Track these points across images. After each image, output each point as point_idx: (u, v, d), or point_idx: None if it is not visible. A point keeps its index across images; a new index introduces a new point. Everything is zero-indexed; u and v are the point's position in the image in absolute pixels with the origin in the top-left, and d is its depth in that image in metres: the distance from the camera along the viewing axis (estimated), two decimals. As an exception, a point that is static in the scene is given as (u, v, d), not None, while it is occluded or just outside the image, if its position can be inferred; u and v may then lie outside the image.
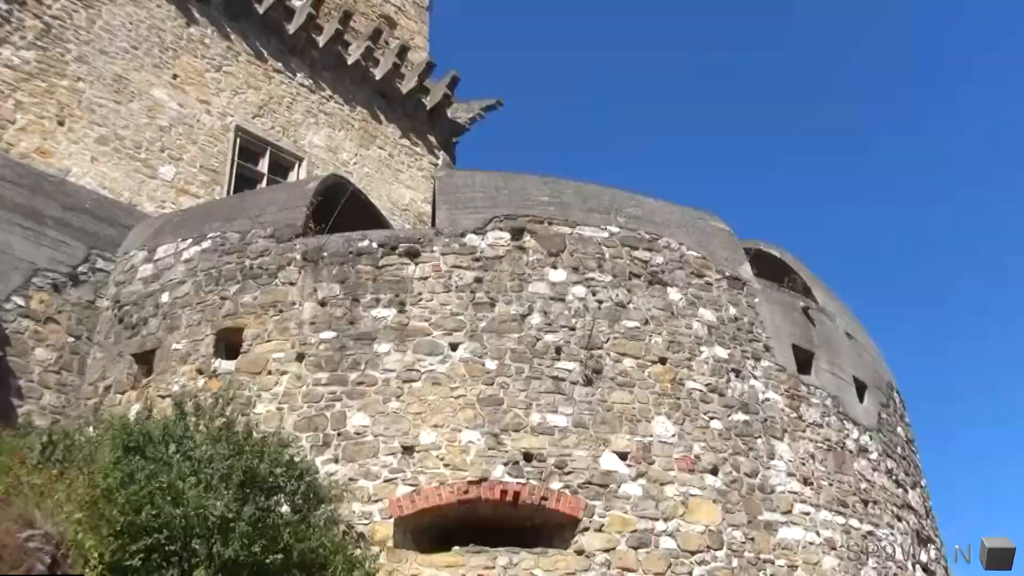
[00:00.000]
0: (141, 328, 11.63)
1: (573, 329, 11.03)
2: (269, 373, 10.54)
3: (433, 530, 9.80)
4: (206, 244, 11.82)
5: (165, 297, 11.66)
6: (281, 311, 10.93)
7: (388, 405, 10.18)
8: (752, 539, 10.45)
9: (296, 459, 8.86)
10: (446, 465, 9.86)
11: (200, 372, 10.80)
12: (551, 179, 12.89)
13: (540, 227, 11.74)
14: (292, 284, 11.10)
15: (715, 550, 10.15)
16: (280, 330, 10.79)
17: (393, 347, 10.57)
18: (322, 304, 10.93)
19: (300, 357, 10.59)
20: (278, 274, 11.21)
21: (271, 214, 11.93)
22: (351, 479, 9.70)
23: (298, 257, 11.29)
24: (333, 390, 10.30)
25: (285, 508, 8.31)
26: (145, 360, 11.43)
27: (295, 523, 8.01)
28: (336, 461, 9.85)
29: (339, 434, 10.04)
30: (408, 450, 9.92)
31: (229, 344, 10.95)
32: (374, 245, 11.33)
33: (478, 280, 11.13)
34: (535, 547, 9.68)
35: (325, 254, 11.29)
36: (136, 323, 11.72)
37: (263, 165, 17.52)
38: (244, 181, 16.89)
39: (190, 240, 12.02)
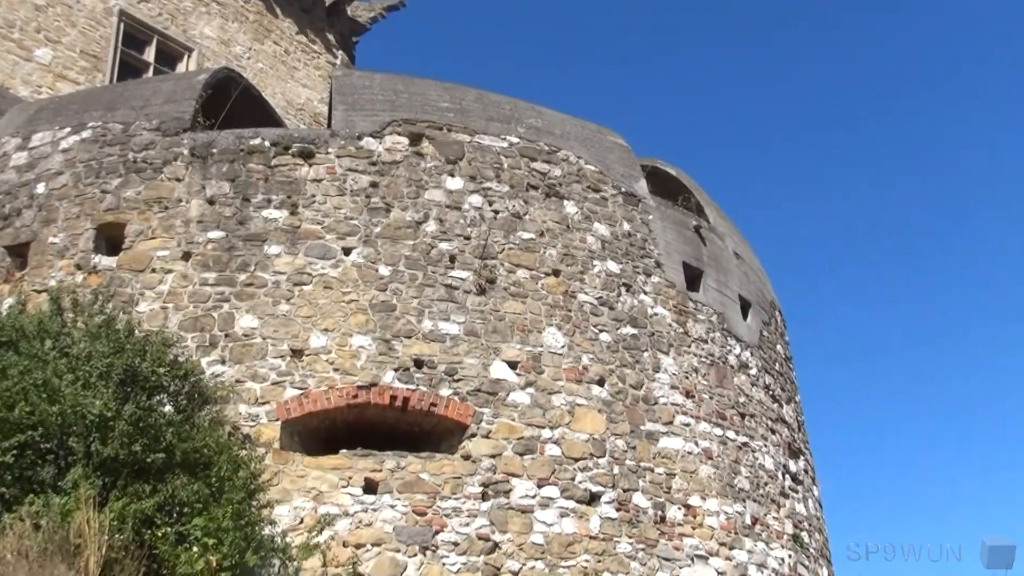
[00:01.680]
0: (14, 219, 11.04)
1: (468, 238, 10.99)
2: (153, 271, 10.19)
3: (321, 433, 9.79)
4: (86, 134, 11.22)
5: (41, 188, 11.06)
6: (167, 208, 10.52)
7: (278, 308, 10.01)
8: (634, 448, 10.79)
9: (180, 359, 8.66)
10: (336, 369, 9.80)
11: (79, 267, 10.36)
12: (452, 85, 12.65)
13: (439, 133, 11.56)
14: (179, 180, 10.68)
15: (598, 457, 10.45)
16: (165, 227, 10.41)
17: (284, 249, 10.34)
18: (210, 202, 10.57)
19: (186, 256, 10.26)
20: (163, 169, 10.76)
21: (157, 106, 11.38)
22: (238, 381, 9.55)
23: (185, 152, 10.84)
24: (221, 291, 10.05)
25: (168, 408, 8.13)
26: (19, 253, 10.88)
27: (178, 423, 7.86)
28: (223, 362, 9.67)
29: (226, 335, 9.84)
30: (297, 353, 9.80)
31: (110, 239, 10.51)
32: (267, 144, 10.97)
33: (374, 185, 10.93)
34: (423, 451, 9.78)
35: (214, 151, 10.87)
36: (9, 214, 11.11)
37: (149, 54, 16.66)
38: (128, 70, 16.04)
39: (69, 129, 11.38)
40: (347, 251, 10.45)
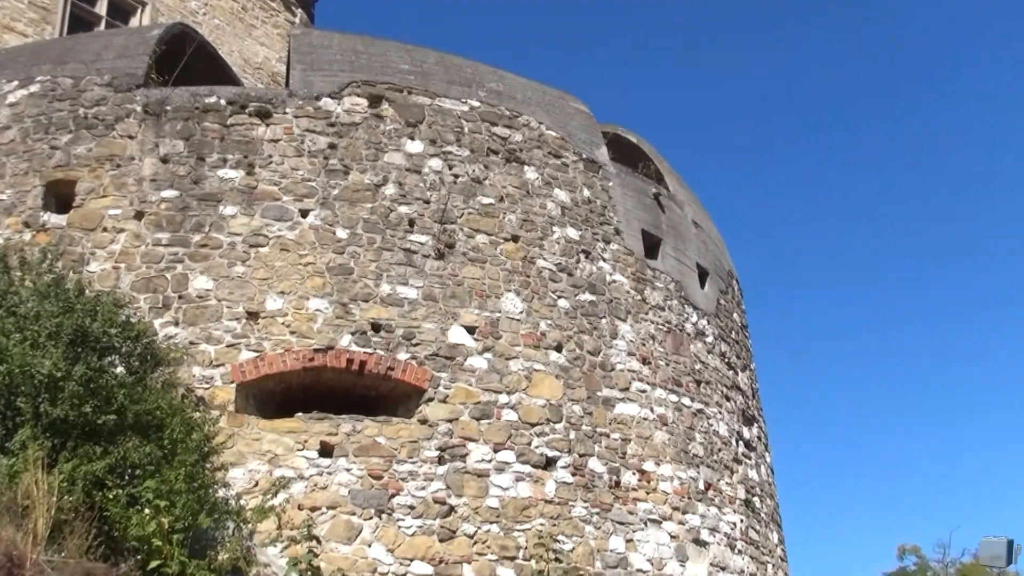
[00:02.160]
0: (-41, 175, 10.73)
1: (428, 202, 10.90)
2: (104, 230, 9.98)
3: (277, 396, 9.71)
4: (34, 88, 10.90)
5: (-13, 143, 10.76)
6: (119, 165, 10.29)
7: (233, 269, 9.87)
8: (590, 413, 10.85)
9: (133, 320, 8.50)
10: (292, 332, 9.71)
11: (27, 225, 10.11)
12: (413, 47, 12.48)
13: (399, 96, 11.41)
14: (131, 137, 10.45)
15: (554, 423, 10.50)
16: (117, 185, 10.19)
17: (240, 210, 10.18)
18: (164, 161, 10.36)
19: (139, 215, 10.06)
20: (116, 126, 10.51)
21: (109, 60, 11.09)
22: (192, 343, 9.43)
23: (138, 109, 10.60)
24: (175, 251, 9.88)
25: (120, 369, 7.99)
26: (-36, 210, 10.60)
27: (130, 384, 7.72)
28: (176, 324, 9.54)
29: (180, 297, 9.69)
30: (253, 316, 9.69)
31: (60, 197, 10.26)
32: (222, 102, 10.76)
33: (332, 146, 10.78)
34: (379, 415, 9.75)
35: (168, 108, 10.64)
36: (-47, 169, 10.80)
37: (101, 7, 16.19)
38: (79, 23, 15.58)
39: (16, 82, 11.05)
40: (304, 213, 10.31)
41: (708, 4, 59.12)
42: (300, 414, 9.45)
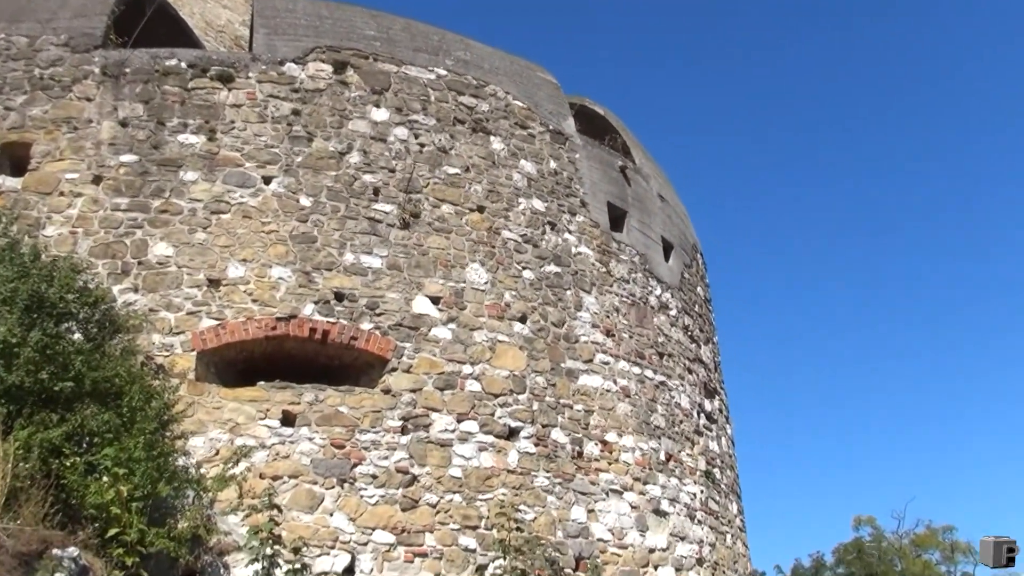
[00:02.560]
0: (-91, 136, 10.44)
1: (393, 171, 10.80)
2: (61, 194, 9.77)
3: (238, 365, 9.61)
4: (-12, 47, 10.60)
5: (-62, 103, 10.45)
6: (76, 128, 10.06)
7: (194, 236, 9.71)
8: (554, 385, 10.87)
9: (90, 286, 8.35)
10: (254, 300, 9.60)
11: (-20, 188, 9.87)
12: (380, 13, 12.32)
13: (365, 62, 11.26)
14: (89, 100, 10.21)
15: (518, 394, 10.51)
16: (74, 149, 9.96)
17: (201, 176, 10.01)
18: (123, 124, 10.15)
19: (97, 179, 9.85)
20: (73, 87, 10.26)
21: (65, 20, 10.79)
22: (151, 310, 9.28)
23: (97, 71, 10.35)
24: (134, 217, 9.70)
25: (77, 335, 7.86)
26: (-85, 172, 10.32)
27: (88, 351, 7.60)
28: (136, 291, 9.38)
29: (140, 263, 9.53)
30: (214, 283, 9.56)
31: (14, 160, 10.01)
32: (183, 65, 10.54)
33: (296, 113, 10.62)
34: (342, 385, 9.69)
35: (128, 70, 10.40)
36: (-96, 130, 10.50)
37: (58, -33, 15.76)
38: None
39: (-31, 41, 10.73)
40: (267, 180, 10.17)
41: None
42: (262, 383, 9.36)
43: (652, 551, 11.05)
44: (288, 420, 9.28)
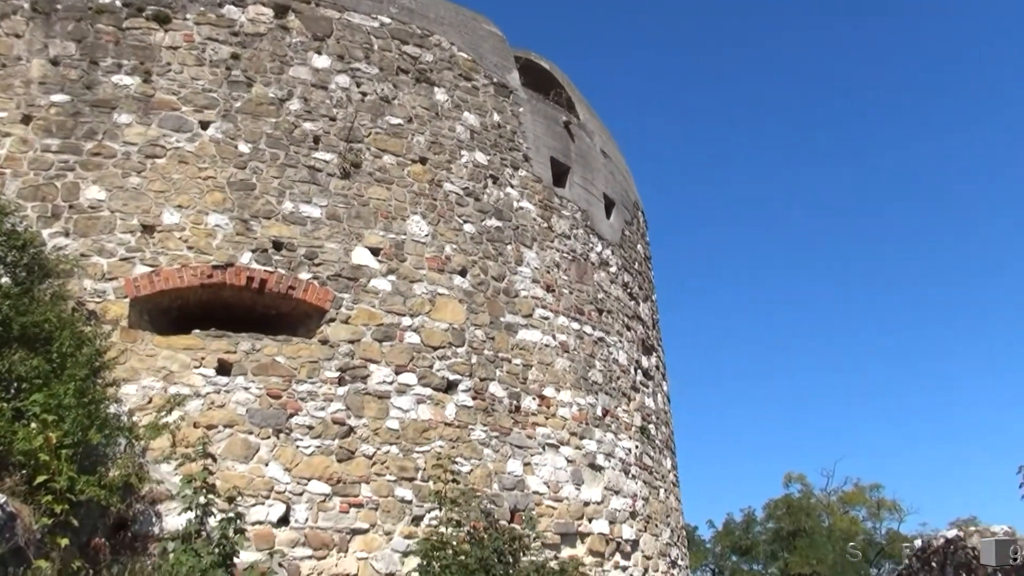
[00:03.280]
0: None
1: (334, 119, 10.64)
2: (-12, 134, 9.44)
3: (173, 312, 9.45)
4: (-90, -22, 10.15)
5: None
6: (4, 66, 9.70)
7: (128, 180, 9.48)
8: (493, 338, 10.91)
9: (19, 228, 8.13)
10: (190, 248, 9.42)
11: (-97, 126, 9.50)
12: (323, -43, 12.02)
13: (306, 7, 11.01)
14: (18, 37, 9.83)
15: (457, 347, 10.52)
16: (3, 87, 9.61)
17: (136, 119, 9.75)
18: (54, 63, 9.81)
19: (26, 119, 9.53)
20: (1, 23, 9.87)
21: (-6, -47, 10.37)
22: (83, 255, 9.06)
23: (26, 6, 9.96)
24: (65, 159, 9.42)
25: (5, 280, 7.68)
26: None
27: (16, 296, 7.43)
28: (67, 235, 9.14)
29: (71, 207, 9.27)
30: (148, 229, 9.36)
31: (-61, 97, 9.65)
32: (118, 3, 10.20)
33: (235, 57, 10.37)
34: (280, 335, 9.60)
35: (59, 7, 10.03)
36: None
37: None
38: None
39: None
40: (204, 125, 9.95)
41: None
42: (197, 331, 9.23)
43: (587, 504, 11.22)
44: (224, 369, 9.17)
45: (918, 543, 19.57)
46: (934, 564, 18.60)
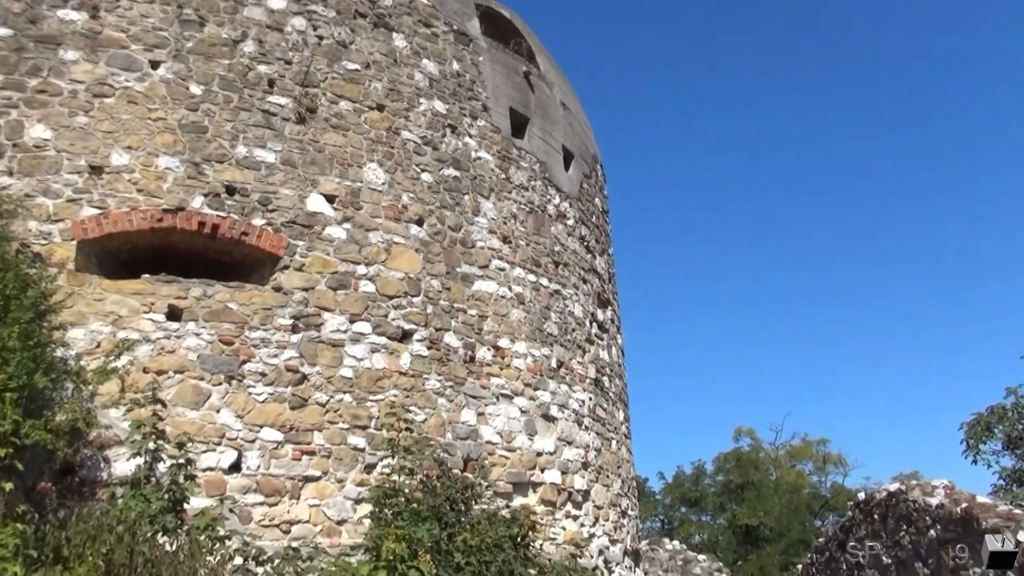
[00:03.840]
0: None
1: (290, 63, 10.41)
2: (-73, 69, 9.10)
3: (122, 256, 9.25)
4: None
5: None
6: (-57, -3, 9.34)
7: (75, 120, 9.21)
8: (448, 289, 10.86)
9: (-41, 167, 7.88)
10: (139, 190, 9.21)
11: None
12: None
13: (262, -54, 10.70)
14: (-42, -33, 9.47)
15: (412, 296, 10.47)
16: (-58, 20, 9.26)
17: (83, 56, 9.44)
18: (-4, -4, 9.46)
19: (-33, 54, 9.20)
20: (-60, -48, 9.49)
21: None
22: (28, 195, 8.80)
23: (-34, -65, 9.58)
24: (8, 96, 9.11)
25: (-55, 220, 7.45)
26: None
27: (-44, 235, 7.22)
28: (10, 174, 8.87)
29: (15, 145, 8.99)
30: (96, 170, 9.11)
31: None
32: (64, -65, 9.83)
33: (187, -6, 10.08)
34: (232, 281, 9.45)
35: (2, -63, 9.65)
36: None
37: None
38: None
39: None
40: (155, 64, 9.68)
41: None
42: (147, 276, 9.05)
43: (539, 454, 11.30)
44: (174, 315, 9.02)
45: (861, 496, 20.09)
46: (876, 516, 19.10)
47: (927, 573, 16.97)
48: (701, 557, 26.99)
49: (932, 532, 16.65)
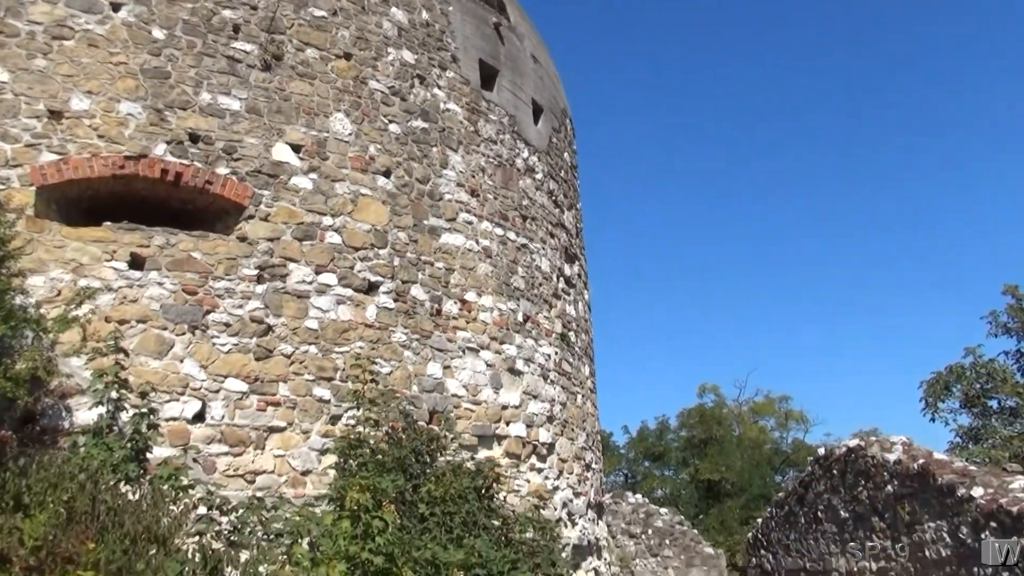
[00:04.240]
0: None
1: (255, 8, 10.20)
2: None
3: (83, 203, 9.09)
4: None
5: None
6: None
7: (33, 62, 8.97)
8: (415, 241, 10.81)
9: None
10: (100, 136, 9.02)
11: None
12: None
13: None
14: (-90, -99, 9.13)
15: (379, 248, 10.40)
16: None
17: (41, -4, 9.18)
18: (-50, -68, 9.15)
19: (-80, -8, 8.92)
20: None
21: None
22: (-16, 140, 8.60)
23: None
24: (-37, 36, 8.86)
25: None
26: None
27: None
28: (-34, 118, 8.65)
29: (-30, 88, 8.76)
30: (56, 115, 8.90)
31: None
32: None
33: (149, -65, 9.80)
34: (196, 230, 9.33)
35: None
36: None
37: None
38: None
39: None
40: (116, 7, 9.42)
41: None
42: (109, 223, 8.89)
43: (505, 408, 11.36)
44: (137, 263, 8.89)
45: (821, 452, 20.46)
46: (835, 472, 19.47)
47: (883, 527, 17.36)
48: (663, 510, 27.43)
49: (889, 487, 17.02)
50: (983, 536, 14.27)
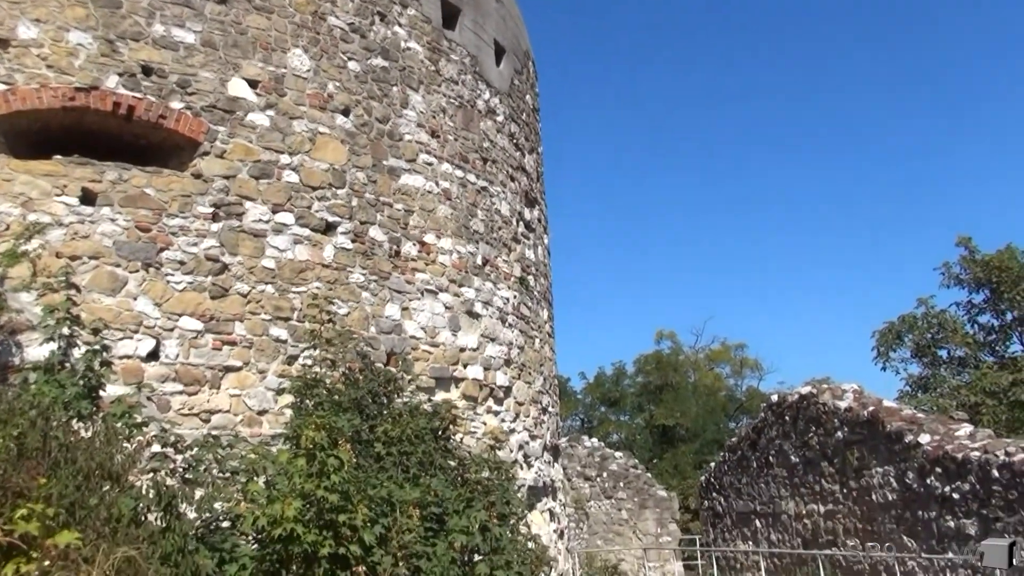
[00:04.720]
0: None
1: (211, -62, 9.90)
2: None
3: (32, 136, 8.84)
4: None
5: None
6: None
7: (-23, -12, 8.66)
8: (374, 182, 10.70)
9: None
10: (49, 67, 8.75)
11: None
12: None
13: None
14: None
15: (337, 188, 10.29)
16: None
17: (-15, -81, 8.82)
18: None
19: None
20: None
21: None
22: (-73, 68, 8.31)
23: None
24: (-97, -41, 8.51)
25: None
26: None
27: None
28: (-93, 45, 8.34)
29: (-89, 13, 8.44)
30: (2, 43, 8.59)
31: None
32: None
33: None
34: (149, 166, 9.14)
35: None
36: None
37: None
38: None
39: None
40: (65, -68, 9.11)
41: None
42: (59, 157, 8.67)
43: (463, 350, 11.39)
44: (88, 198, 8.70)
45: (774, 398, 20.83)
46: (787, 418, 19.84)
47: (832, 471, 17.78)
48: (618, 454, 27.83)
49: (839, 433, 17.42)
50: (928, 480, 14.68)
